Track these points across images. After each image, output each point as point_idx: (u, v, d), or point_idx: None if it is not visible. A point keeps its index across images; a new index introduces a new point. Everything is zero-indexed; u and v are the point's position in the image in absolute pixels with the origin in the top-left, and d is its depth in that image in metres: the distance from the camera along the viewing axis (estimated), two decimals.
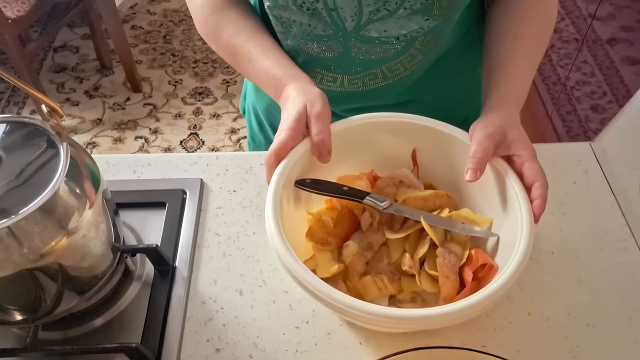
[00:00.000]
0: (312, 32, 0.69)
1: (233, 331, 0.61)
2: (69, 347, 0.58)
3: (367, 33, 0.66)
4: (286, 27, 0.70)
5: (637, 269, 0.66)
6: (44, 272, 0.51)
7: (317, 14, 0.65)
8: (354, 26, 0.66)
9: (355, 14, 0.64)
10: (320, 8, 0.64)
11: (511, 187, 0.58)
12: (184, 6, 2.70)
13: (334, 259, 0.62)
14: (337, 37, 0.68)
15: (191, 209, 0.71)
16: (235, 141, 2.05)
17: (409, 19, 0.64)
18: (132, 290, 0.64)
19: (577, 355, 0.59)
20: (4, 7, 1.75)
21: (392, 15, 0.63)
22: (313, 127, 0.60)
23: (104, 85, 2.28)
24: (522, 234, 0.54)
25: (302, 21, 0.67)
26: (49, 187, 0.47)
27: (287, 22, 0.69)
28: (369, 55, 0.69)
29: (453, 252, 0.59)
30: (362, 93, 0.75)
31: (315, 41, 0.70)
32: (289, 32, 0.71)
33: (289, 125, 0.59)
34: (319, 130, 0.59)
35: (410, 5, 0.62)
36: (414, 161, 0.67)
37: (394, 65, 0.71)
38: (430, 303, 0.60)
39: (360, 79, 0.73)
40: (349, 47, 0.69)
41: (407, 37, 0.67)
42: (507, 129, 0.59)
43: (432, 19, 0.64)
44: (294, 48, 0.73)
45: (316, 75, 0.75)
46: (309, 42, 0.70)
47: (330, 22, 0.66)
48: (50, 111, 0.50)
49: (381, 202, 0.61)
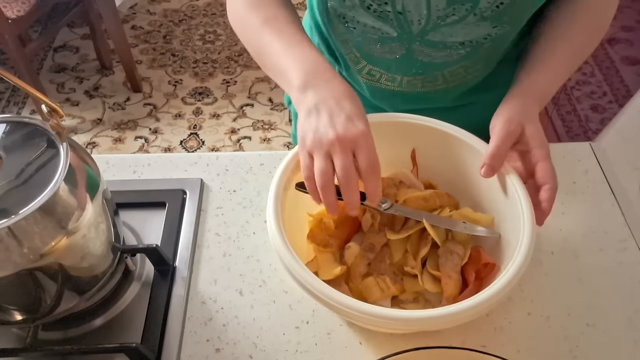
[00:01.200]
0: (375, 34, 0.67)
1: (233, 331, 0.61)
2: (69, 347, 0.57)
3: (432, 37, 0.65)
4: (348, 28, 0.69)
5: (637, 269, 0.66)
6: (44, 272, 0.51)
7: (384, 16, 0.64)
8: (420, 30, 0.65)
9: (423, 18, 0.63)
10: (388, 11, 0.63)
11: (512, 186, 0.58)
12: (184, 6, 2.70)
13: (335, 261, 0.62)
14: (402, 40, 0.67)
15: (191, 209, 0.71)
16: (235, 141, 2.05)
17: (477, 25, 0.63)
18: (132, 290, 0.64)
19: (577, 355, 0.59)
20: (4, 7, 1.75)
21: (460, 22, 0.62)
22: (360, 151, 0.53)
23: (104, 85, 2.28)
24: (524, 233, 0.54)
25: (366, 22, 0.66)
26: (49, 187, 0.47)
27: (350, 22, 0.68)
28: (431, 59, 0.69)
29: (455, 252, 0.59)
30: (420, 95, 0.75)
31: (378, 43, 0.69)
32: (350, 33, 0.70)
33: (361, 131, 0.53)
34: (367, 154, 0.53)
35: (480, 12, 0.61)
36: (413, 161, 0.67)
37: (456, 70, 0.70)
38: (433, 303, 0.60)
39: (419, 80, 0.73)
40: (412, 50, 0.68)
41: (473, 43, 0.66)
42: (526, 125, 0.58)
43: (500, 26, 0.63)
44: (355, 47, 0.72)
45: (375, 73, 0.74)
46: (372, 44, 0.69)
47: (396, 25, 0.65)
48: (50, 111, 0.50)
49: (382, 204, 0.60)
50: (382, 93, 0.78)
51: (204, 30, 2.55)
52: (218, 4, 2.72)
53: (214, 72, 2.33)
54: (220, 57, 2.41)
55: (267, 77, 2.30)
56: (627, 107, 0.77)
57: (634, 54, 2.34)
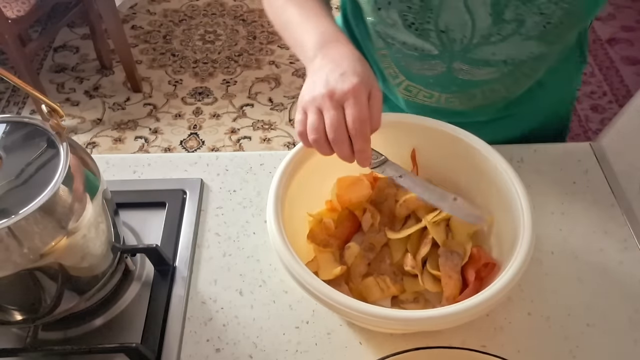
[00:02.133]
0: (416, 51, 0.67)
1: (233, 331, 0.61)
2: (69, 347, 0.57)
3: (474, 55, 0.65)
4: (388, 44, 0.69)
5: (637, 269, 0.65)
6: (44, 272, 0.51)
7: (426, 34, 0.64)
8: (462, 48, 0.64)
9: (466, 36, 0.62)
10: (430, 29, 0.63)
11: (512, 186, 0.58)
12: (184, 6, 2.70)
13: (335, 261, 0.62)
14: (443, 57, 0.66)
15: (191, 209, 0.71)
16: (235, 141, 2.04)
17: (522, 44, 0.62)
18: (132, 290, 0.64)
19: (577, 355, 0.59)
20: (4, 7, 1.74)
21: (504, 40, 0.62)
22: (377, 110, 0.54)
23: (104, 85, 2.28)
24: (524, 233, 0.54)
25: (407, 40, 0.66)
26: (49, 187, 0.47)
27: (391, 39, 0.67)
28: (471, 77, 0.68)
29: (455, 252, 0.59)
30: (457, 111, 0.74)
31: (418, 60, 0.68)
32: (389, 48, 0.69)
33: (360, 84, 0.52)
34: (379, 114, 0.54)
35: (526, 31, 0.60)
36: (413, 161, 0.67)
37: (496, 87, 0.70)
38: (433, 303, 0.60)
39: (458, 98, 0.72)
40: (452, 69, 0.67)
41: (515, 61, 0.65)
42: None
43: (546, 45, 0.63)
44: (394, 62, 0.71)
45: (412, 89, 0.73)
46: (411, 60, 0.69)
47: (438, 44, 0.64)
48: (50, 111, 0.50)
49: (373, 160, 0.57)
50: (418, 108, 0.77)
51: (204, 30, 2.55)
52: (218, 4, 2.72)
53: (214, 72, 2.33)
54: (220, 57, 2.41)
55: (267, 77, 2.30)
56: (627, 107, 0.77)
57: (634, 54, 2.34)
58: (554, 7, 0.58)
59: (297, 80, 2.28)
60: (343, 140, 0.52)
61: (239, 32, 2.54)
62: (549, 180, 0.74)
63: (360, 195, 0.65)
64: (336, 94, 0.51)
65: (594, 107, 2.12)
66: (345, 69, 0.53)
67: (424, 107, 0.76)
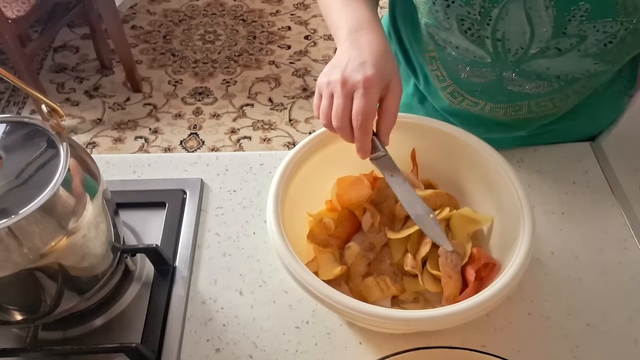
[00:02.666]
0: (467, 57, 0.66)
1: (233, 331, 0.61)
2: (69, 347, 0.58)
3: (527, 67, 0.63)
4: (439, 47, 0.68)
5: (637, 269, 0.65)
6: (44, 272, 0.51)
7: (481, 42, 0.63)
8: (516, 59, 0.63)
9: (522, 47, 0.61)
10: (486, 36, 0.62)
11: (512, 186, 0.58)
12: (184, 6, 2.70)
13: (335, 261, 0.62)
14: (494, 66, 0.65)
15: (191, 209, 0.71)
16: (235, 141, 2.05)
17: (579, 60, 0.61)
18: (132, 290, 0.64)
19: (577, 355, 0.59)
20: (4, 7, 1.75)
21: (561, 55, 0.60)
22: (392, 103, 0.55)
23: (104, 85, 2.28)
24: (524, 233, 0.54)
25: (460, 45, 0.65)
26: (49, 187, 0.47)
27: (443, 42, 0.66)
28: (520, 89, 0.67)
29: (455, 252, 0.59)
30: (500, 122, 0.73)
31: (469, 66, 0.67)
32: (441, 51, 0.68)
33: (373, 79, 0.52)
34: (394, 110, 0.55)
35: (585, 48, 0.59)
36: (413, 161, 0.67)
37: (543, 102, 0.69)
38: (433, 303, 0.60)
39: (503, 108, 0.71)
40: (503, 78, 0.66)
41: (569, 77, 0.64)
42: None
43: (602, 64, 0.61)
44: (443, 65, 0.71)
45: (457, 95, 0.73)
46: (461, 65, 0.68)
47: (492, 52, 0.63)
48: (50, 111, 0.50)
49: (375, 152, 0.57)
50: (460, 115, 0.76)
51: (204, 30, 2.55)
52: (218, 4, 2.72)
53: (214, 72, 2.33)
54: (220, 57, 2.41)
55: (267, 77, 2.30)
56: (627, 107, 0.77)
57: None
58: (618, 27, 0.56)
59: (297, 80, 2.28)
60: (344, 128, 0.54)
61: (239, 32, 2.54)
62: (549, 180, 0.74)
63: (360, 195, 0.65)
64: (348, 82, 0.53)
65: None
66: (365, 58, 0.54)
67: (466, 114, 0.74)
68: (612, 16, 0.56)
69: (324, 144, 0.64)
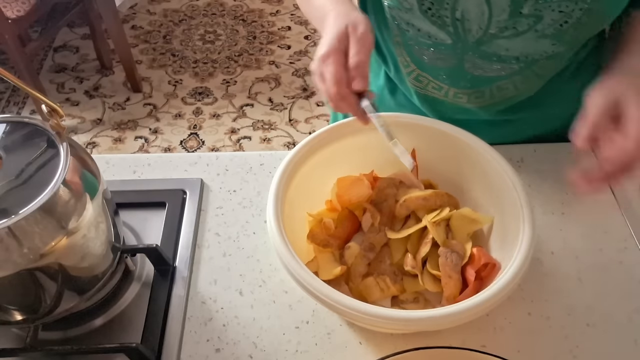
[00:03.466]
0: (429, 39, 0.66)
1: (233, 331, 0.61)
2: (69, 347, 0.57)
3: (487, 49, 0.64)
4: (402, 30, 0.68)
5: (637, 269, 0.65)
6: (44, 272, 0.51)
7: (441, 22, 0.63)
8: (476, 40, 0.64)
9: (481, 28, 0.62)
10: (446, 17, 0.62)
11: (512, 186, 0.58)
12: (184, 6, 2.70)
13: (335, 261, 0.62)
14: (456, 48, 0.66)
15: (191, 209, 0.71)
16: (235, 141, 2.04)
17: (536, 41, 0.62)
18: (132, 290, 0.64)
19: (577, 355, 0.59)
20: (4, 7, 1.75)
21: (519, 35, 0.61)
22: (352, 47, 0.57)
23: (104, 85, 2.28)
24: (524, 233, 0.54)
25: (422, 27, 0.65)
26: (49, 187, 0.47)
27: (405, 25, 0.67)
28: (482, 72, 0.68)
29: (455, 252, 0.59)
30: (464, 107, 0.74)
31: (431, 48, 0.68)
32: (404, 35, 0.69)
33: (332, 48, 0.57)
34: (357, 51, 0.56)
35: (542, 28, 0.60)
36: None
37: (505, 85, 0.69)
38: (433, 303, 0.60)
39: (466, 94, 0.72)
40: (464, 61, 0.67)
41: (528, 59, 0.65)
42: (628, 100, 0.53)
43: (559, 44, 0.62)
44: (406, 51, 0.71)
45: (423, 80, 0.74)
46: (424, 49, 0.69)
47: (452, 32, 0.64)
48: (50, 111, 0.50)
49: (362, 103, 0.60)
50: (428, 100, 0.77)
51: (204, 30, 2.55)
52: (218, 4, 2.72)
53: (214, 72, 2.33)
54: (220, 57, 2.41)
55: (267, 77, 2.30)
56: None
57: None
58: (573, 6, 0.57)
59: (297, 80, 2.28)
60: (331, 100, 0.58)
61: (239, 32, 2.54)
62: (549, 180, 0.74)
63: (360, 195, 0.65)
64: (320, 61, 0.58)
65: None
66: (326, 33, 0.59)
67: (433, 100, 0.76)
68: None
69: (324, 144, 0.64)
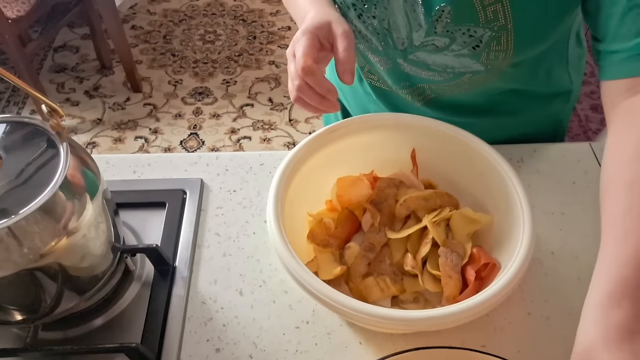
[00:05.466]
0: (366, 43, 0.70)
1: (233, 331, 0.61)
2: (69, 347, 0.57)
3: (414, 58, 0.66)
4: (352, 27, 0.70)
5: None
6: (44, 272, 0.51)
7: (373, 29, 0.66)
8: (403, 49, 0.66)
9: (407, 39, 0.64)
10: (376, 24, 0.65)
11: (512, 186, 0.58)
12: (184, 6, 2.70)
13: (335, 261, 0.62)
14: (388, 54, 0.69)
15: (191, 209, 0.71)
16: (235, 141, 2.04)
17: (457, 58, 0.63)
18: (132, 290, 0.64)
19: None
20: (4, 7, 1.75)
21: (439, 52, 0.63)
22: (340, 43, 0.57)
23: (104, 85, 2.28)
24: (524, 233, 0.54)
25: (361, 30, 0.68)
26: (49, 187, 0.47)
27: (352, 24, 0.69)
28: (417, 74, 0.70)
29: (455, 252, 0.59)
30: (411, 104, 0.76)
31: (369, 51, 0.71)
32: (356, 36, 0.71)
33: (309, 29, 0.57)
34: (345, 47, 0.57)
35: (458, 48, 0.61)
36: (413, 161, 0.67)
37: (441, 88, 0.71)
38: (433, 303, 0.60)
39: (409, 93, 0.74)
40: (399, 64, 0.70)
41: (455, 71, 0.66)
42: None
43: (479, 65, 0.63)
44: (359, 49, 0.73)
45: (374, 74, 0.76)
46: (367, 51, 0.72)
47: (381, 40, 0.67)
48: (50, 111, 0.50)
49: None
50: (381, 92, 0.79)
51: (204, 30, 2.55)
52: (218, 4, 2.72)
53: (214, 72, 2.33)
54: (220, 57, 2.41)
55: (267, 77, 2.30)
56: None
57: None
58: (482, 32, 0.58)
59: None
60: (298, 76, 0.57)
61: (239, 32, 2.54)
62: (549, 180, 0.74)
63: (360, 195, 0.65)
64: (294, 41, 0.59)
65: (594, 107, 2.12)
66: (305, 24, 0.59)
67: (385, 94, 0.78)
68: (473, 22, 0.58)
69: (324, 144, 0.64)
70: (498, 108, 0.75)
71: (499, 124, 0.76)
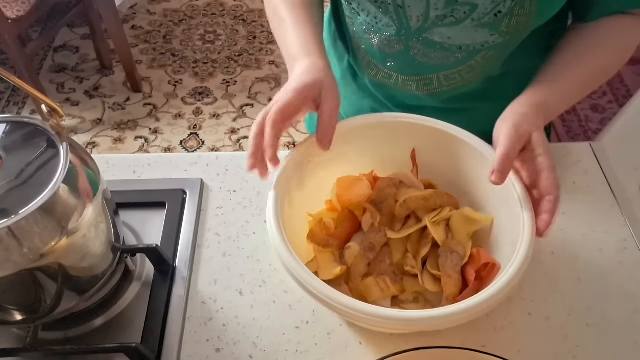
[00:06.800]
0: (376, 25, 0.68)
1: (233, 331, 0.61)
2: (69, 347, 0.58)
3: (430, 36, 0.65)
4: (354, 14, 0.69)
5: (637, 269, 0.65)
6: (44, 272, 0.51)
7: (385, 8, 0.65)
8: (418, 27, 0.65)
9: (422, 15, 0.63)
10: (388, 2, 0.64)
11: (512, 186, 0.58)
12: (184, 6, 2.70)
13: (335, 261, 0.62)
14: (400, 34, 0.67)
15: (191, 209, 0.71)
16: (235, 141, 2.04)
17: (475, 30, 0.63)
18: (132, 290, 0.64)
19: (577, 355, 0.59)
20: (4, 7, 1.75)
21: (458, 24, 0.62)
22: (326, 108, 0.57)
23: (104, 85, 2.28)
24: (524, 233, 0.54)
25: (369, 11, 0.67)
26: (49, 187, 0.47)
27: (356, 8, 0.68)
28: (428, 60, 0.69)
29: (455, 252, 0.59)
30: (414, 95, 0.75)
31: (378, 34, 0.69)
32: (356, 19, 0.70)
33: (297, 88, 0.56)
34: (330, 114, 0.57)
35: (478, 17, 0.61)
36: (413, 161, 0.67)
37: (452, 75, 0.70)
38: (433, 303, 0.60)
39: (415, 82, 0.73)
40: (409, 47, 0.68)
41: (470, 48, 0.66)
42: (533, 132, 0.56)
43: (498, 36, 0.63)
44: (358, 35, 0.73)
45: (373, 68, 0.75)
46: (372, 34, 0.70)
47: (395, 19, 0.65)
48: (50, 111, 0.50)
49: None
50: (381, 85, 0.78)
51: (204, 30, 2.55)
52: (218, 4, 2.72)
53: (214, 72, 2.33)
54: (220, 57, 2.41)
55: (267, 77, 2.30)
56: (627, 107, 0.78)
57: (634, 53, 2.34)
58: None
59: None
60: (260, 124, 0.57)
61: (239, 32, 2.54)
62: None
63: (360, 195, 0.65)
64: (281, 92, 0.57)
65: (593, 107, 2.12)
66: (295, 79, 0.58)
67: (385, 86, 0.77)
68: None
69: None
70: (497, 93, 0.74)
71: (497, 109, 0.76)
